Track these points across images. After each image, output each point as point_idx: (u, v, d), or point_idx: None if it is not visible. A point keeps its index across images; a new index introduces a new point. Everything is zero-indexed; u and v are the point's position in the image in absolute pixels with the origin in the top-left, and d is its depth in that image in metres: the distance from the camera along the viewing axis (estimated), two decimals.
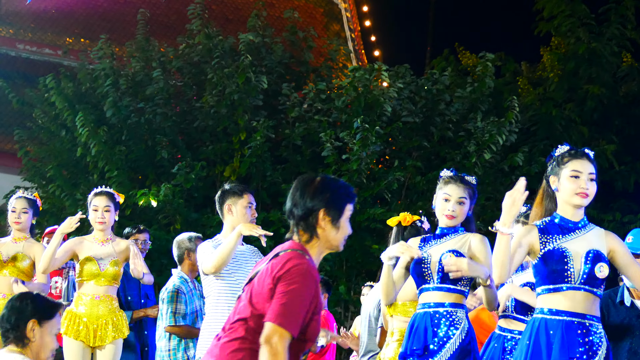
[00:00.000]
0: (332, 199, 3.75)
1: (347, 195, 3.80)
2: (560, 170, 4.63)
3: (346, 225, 3.80)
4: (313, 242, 3.75)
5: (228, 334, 3.62)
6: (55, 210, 14.26)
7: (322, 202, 3.72)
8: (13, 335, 4.05)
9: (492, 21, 30.10)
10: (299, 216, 3.73)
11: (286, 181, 13.56)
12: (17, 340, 4.04)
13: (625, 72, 17.07)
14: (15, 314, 4.05)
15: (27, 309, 4.05)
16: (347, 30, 23.97)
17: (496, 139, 13.37)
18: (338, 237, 3.78)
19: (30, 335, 4.03)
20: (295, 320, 3.49)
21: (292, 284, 3.52)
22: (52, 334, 4.10)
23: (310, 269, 3.60)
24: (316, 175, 3.84)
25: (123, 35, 19.46)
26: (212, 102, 13.94)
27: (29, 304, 4.07)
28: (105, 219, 6.92)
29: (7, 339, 4.06)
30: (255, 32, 14.96)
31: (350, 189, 3.85)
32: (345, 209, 3.78)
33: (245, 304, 3.62)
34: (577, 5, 16.94)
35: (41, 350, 4.05)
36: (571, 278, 4.46)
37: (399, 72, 14.46)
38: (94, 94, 14.60)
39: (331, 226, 3.75)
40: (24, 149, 15.34)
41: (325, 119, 13.71)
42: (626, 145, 16.29)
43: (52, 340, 4.10)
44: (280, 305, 3.49)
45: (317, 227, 3.73)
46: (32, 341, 4.04)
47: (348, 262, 13.25)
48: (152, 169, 13.97)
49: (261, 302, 3.56)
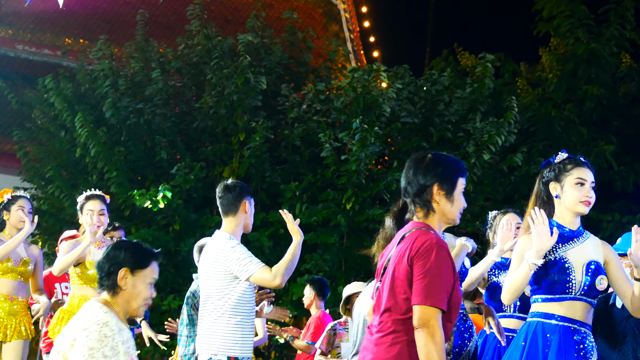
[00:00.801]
0: (444, 173, 3.84)
1: (459, 169, 3.89)
2: (564, 177, 4.62)
3: (460, 198, 3.88)
4: (430, 217, 3.84)
5: (380, 328, 3.69)
6: (54, 210, 14.26)
7: (435, 177, 3.82)
8: (106, 283, 4.08)
9: (491, 22, 30.12)
10: (413, 193, 3.85)
11: (285, 182, 13.56)
12: (110, 288, 4.07)
13: (624, 73, 17.06)
14: (109, 262, 4.07)
15: (120, 257, 4.07)
16: (346, 31, 23.98)
17: (495, 140, 13.37)
18: (453, 210, 3.86)
19: (122, 284, 4.06)
20: (441, 296, 3.57)
21: (427, 261, 3.60)
22: (146, 283, 4.08)
23: (439, 241, 3.69)
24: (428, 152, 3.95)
25: (122, 36, 19.46)
26: (211, 102, 13.94)
27: (123, 252, 4.08)
28: (101, 222, 6.91)
29: (102, 286, 4.10)
30: (255, 32, 14.97)
31: (461, 163, 3.95)
32: (457, 182, 3.87)
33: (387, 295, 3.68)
34: (577, 6, 16.93)
35: (132, 298, 4.07)
36: (572, 289, 4.47)
37: (398, 72, 14.47)
38: (93, 95, 14.60)
39: (446, 200, 3.84)
40: (23, 150, 15.34)
41: (324, 120, 13.71)
42: (625, 146, 16.28)
43: (146, 289, 4.09)
44: (423, 286, 3.57)
45: (432, 202, 3.83)
46: (123, 289, 4.06)
47: (347, 263, 13.25)
48: (152, 170, 13.97)
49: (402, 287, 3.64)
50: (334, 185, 13.27)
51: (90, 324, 3.92)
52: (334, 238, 12.96)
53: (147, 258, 4.14)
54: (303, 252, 13.27)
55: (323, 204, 13.15)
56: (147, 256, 4.14)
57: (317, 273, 12.72)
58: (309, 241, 12.96)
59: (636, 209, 14.95)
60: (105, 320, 3.93)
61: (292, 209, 13.19)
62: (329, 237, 12.90)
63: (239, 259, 5.64)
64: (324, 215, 12.96)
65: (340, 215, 12.93)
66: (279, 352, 14.51)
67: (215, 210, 13.83)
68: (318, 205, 13.17)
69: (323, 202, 13.18)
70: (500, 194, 14.17)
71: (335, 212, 12.98)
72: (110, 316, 3.97)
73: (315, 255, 13.01)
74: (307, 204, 13.17)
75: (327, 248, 13.08)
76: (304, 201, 13.21)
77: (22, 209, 7.24)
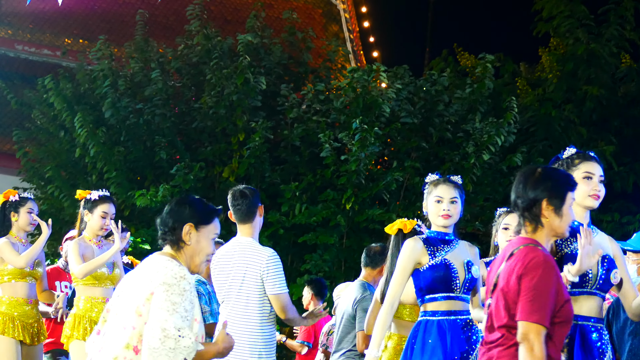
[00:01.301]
0: (554, 187, 3.88)
1: (568, 183, 3.94)
2: (571, 172, 4.60)
3: (569, 212, 3.91)
4: (538, 232, 3.88)
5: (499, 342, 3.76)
6: (53, 210, 14.25)
7: (544, 191, 3.86)
8: (169, 238, 4.06)
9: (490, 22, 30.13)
10: (523, 207, 3.88)
11: (285, 182, 13.56)
12: (173, 243, 4.05)
13: (624, 73, 17.07)
14: (173, 217, 4.05)
15: (184, 212, 4.05)
16: (345, 31, 23.97)
17: (495, 140, 13.37)
18: (562, 224, 3.90)
19: (186, 239, 4.04)
20: (545, 313, 3.63)
21: (533, 278, 3.66)
22: (209, 239, 4.07)
23: (546, 258, 3.73)
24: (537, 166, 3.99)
25: (122, 36, 19.45)
26: (211, 102, 13.94)
27: (187, 208, 4.07)
28: (108, 226, 6.92)
29: (165, 241, 4.08)
30: (254, 33, 14.97)
31: (570, 177, 3.99)
32: (566, 197, 3.90)
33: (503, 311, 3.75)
34: (577, 6, 16.93)
35: (196, 254, 4.06)
36: (589, 283, 4.44)
37: (398, 73, 14.46)
38: (92, 95, 14.60)
39: (554, 214, 3.87)
40: (23, 150, 15.34)
41: (324, 120, 13.71)
42: (625, 146, 16.29)
43: (208, 245, 4.08)
44: (528, 302, 3.63)
45: (541, 217, 3.86)
46: (187, 244, 4.04)
47: (347, 263, 13.25)
48: (151, 170, 13.97)
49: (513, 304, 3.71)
50: (333, 186, 13.27)
51: (168, 278, 3.90)
52: (334, 238, 12.96)
53: (211, 214, 4.13)
54: (303, 252, 13.36)
55: (323, 204, 13.15)
56: (210, 212, 4.13)
57: (317, 273, 12.72)
58: (309, 241, 12.97)
59: (636, 209, 14.95)
60: (182, 274, 3.93)
61: (291, 209, 13.19)
62: (329, 237, 12.90)
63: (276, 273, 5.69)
64: (324, 216, 12.96)
65: (340, 215, 12.93)
66: (279, 352, 14.50)
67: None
68: (318, 205, 13.17)
69: (323, 203, 13.18)
70: (499, 194, 14.17)
71: (334, 212, 12.98)
72: (185, 269, 3.97)
73: (314, 255, 13.00)
74: (307, 204, 13.17)
75: (326, 248, 13.08)
76: (303, 201, 13.21)
77: (32, 211, 7.21)
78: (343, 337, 6.79)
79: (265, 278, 5.66)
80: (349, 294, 6.83)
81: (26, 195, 7.29)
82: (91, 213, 6.85)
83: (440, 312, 5.24)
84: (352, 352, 6.74)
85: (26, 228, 7.19)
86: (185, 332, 3.80)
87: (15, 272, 7.05)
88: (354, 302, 6.66)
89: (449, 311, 5.24)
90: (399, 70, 14.55)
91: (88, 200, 6.88)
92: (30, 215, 7.17)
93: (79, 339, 6.61)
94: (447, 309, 5.24)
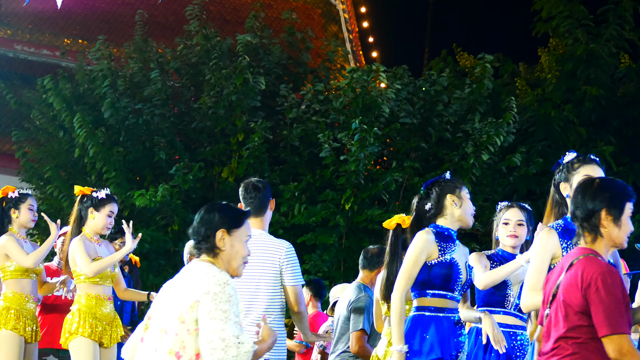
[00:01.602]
0: (612, 198, 3.91)
1: (626, 193, 3.97)
2: (571, 176, 4.62)
3: (627, 222, 3.96)
4: (598, 242, 3.90)
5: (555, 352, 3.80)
6: (52, 211, 14.24)
7: (602, 202, 3.89)
8: (205, 247, 4.11)
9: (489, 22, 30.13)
10: (582, 218, 3.92)
11: (284, 182, 13.56)
12: (209, 250, 4.10)
13: (623, 73, 17.07)
14: (205, 225, 4.10)
15: (215, 219, 4.10)
16: (345, 31, 23.98)
17: (494, 140, 13.37)
18: (621, 234, 3.93)
19: (220, 245, 4.09)
20: (623, 321, 3.67)
21: (601, 292, 3.69)
22: (243, 242, 4.12)
23: (607, 268, 3.76)
24: (595, 178, 4.04)
25: (121, 36, 19.45)
26: (210, 103, 13.94)
27: (217, 214, 4.11)
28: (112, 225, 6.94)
29: (200, 250, 4.13)
30: (253, 33, 14.97)
31: (629, 188, 4.01)
32: (625, 207, 3.94)
33: (562, 322, 3.78)
34: (576, 6, 16.92)
35: (232, 258, 4.10)
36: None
37: (397, 73, 14.46)
38: (91, 95, 14.60)
39: (613, 225, 3.91)
40: (22, 150, 15.34)
41: (323, 120, 13.71)
42: (624, 146, 16.29)
43: (243, 247, 4.13)
44: (605, 317, 3.66)
45: (600, 227, 3.89)
46: (223, 250, 4.09)
47: (346, 263, 13.25)
48: (150, 170, 13.97)
49: (577, 315, 3.74)
50: (332, 186, 13.27)
51: (213, 286, 3.95)
52: (333, 238, 12.96)
53: (241, 217, 4.17)
54: (302, 252, 13.36)
55: (322, 204, 13.15)
56: (240, 215, 4.18)
57: (316, 273, 12.72)
58: (308, 242, 12.96)
59: (635, 210, 14.93)
60: (225, 280, 3.98)
61: (290, 209, 13.19)
62: (328, 237, 12.90)
63: (295, 265, 5.76)
64: (323, 216, 12.96)
65: (339, 215, 12.93)
66: None
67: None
68: (317, 205, 13.17)
69: (322, 203, 13.18)
70: (499, 194, 14.16)
71: (334, 212, 12.98)
72: (227, 275, 4.02)
73: (314, 255, 13.00)
74: (306, 204, 13.17)
75: (326, 248, 13.08)
76: (302, 201, 13.21)
77: (32, 208, 7.21)
78: (339, 338, 6.82)
79: (284, 269, 5.72)
80: (345, 295, 6.87)
81: (26, 192, 7.28)
82: (97, 211, 6.82)
83: (435, 308, 5.24)
84: (346, 353, 6.78)
85: (27, 225, 7.20)
86: (243, 337, 3.88)
87: (20, 268, 7.03)
88: (349, 304, 6.70)
89: (444, 308, 5.24)
90: (398, 70, 14.55)
91: (94, 199, 6.84)
92: (32, 212, 7.16)
93: (83, 335, 6.59)
94: (442, 306, 5.24)
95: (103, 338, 6.68)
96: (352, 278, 13.10)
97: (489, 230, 6.04)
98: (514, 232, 5.69)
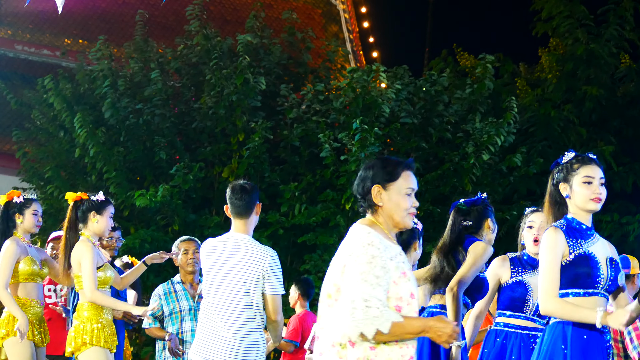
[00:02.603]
0: None
1: None
2: (571, 177, 4.59)
3: None
4: None
5: None
6: (53, 211, 14.25)
7: None
8: (364, 204, 4.10)
9: (490, 22, 30.13)
10: None
11: (284, 182, 13.57)
12: (368, 207, 4.09)
13: (623, 73, 17.07)
14: (362, 183, 4.08)
15: (369, 176, 4.07)
16: (345, 31, 23.97)
17: (494, 140, 13.37)
18: None
19: (377, 200, 4.04)
20: None
21: None
22: (401, 194, 4.03)
23: None
24: None
25: (121, 36, 19.46)
26: (211, 103, 13.94)
27: (371, 170, 4.08)
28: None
29: (363, 209, 4.12)
30: (254, 33, 14.97)
31: None
32: None
33: None
34: (576, 6, 16.92)
35: (393, 212, 4.04)
36: (600, 284, 4.43)
37: (397, 73, 14.47)
38: (92, 95, 14.60)
39: None
40: (22, 150, 15.34)
41: (324, 120, 13.71)
42: (624, 146, 16.28)
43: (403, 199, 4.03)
44: None
45: None
46: (380, 206, 4.05)
47: None
48: (150, 170, 13.97)
49: None
50: (333, 186, 13.27)
51: (355, 248, 3.91)
52: (333, 238, 12.95)
53: (396, 170, 4.08)
54: (302, 252, 13.35)
55: (322, 204, 13.15)
56: (396, 168, 4.09)
57: (317, 273, 12.72)
58: (308, 242, 12.97)
59: (635, 210, 14.95)
60: (369, 241, 3.90)
61: (291, 209, 13.20)
62: (328, 237, 12.90)
63: (277, 274, 5.70)
64: (323, 216, 12.96)
65: (339, 215, 12.93)
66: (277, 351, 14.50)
67: (214, 210, 13.85)
68: (317, 205, 13.17)
69: (322, 203, 13.18)
70: (499, 195, 14.16)
71: (334, 212, 12.98)
72: (373, 236, 3.94)
73: (314, 255, 13.00)
74: (306, 204, 13.17)
75: (326, 249, 13.07)
76: (303, 201, 13.21)
77: (37, 213, 7.18)
78: None
79: (266, 277, 5.63)
80: None
81: (30, 197, 7.25)
82: (100, 215, 6.73)
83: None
84: None
85: (31, 230, 7.15)
86: (373, 302, 3.71)
87: (25, 272, 7.00)
88: None
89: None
90: (399, 70, 14.56)
91: (94, 202, 6.77)
92: (36, 217, 7.14)
93: (99, 345, 6.50)
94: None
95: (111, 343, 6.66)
96: None
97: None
98: (537, 235, 5.73)
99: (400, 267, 3.86)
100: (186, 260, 7.56)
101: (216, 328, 5.67)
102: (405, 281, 3.83)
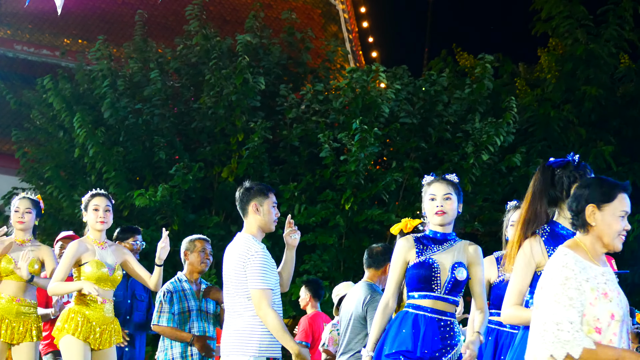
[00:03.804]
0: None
1: None
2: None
3: None
4: None
5: None
6: (52, 211, 14.26)
7: None
8: (577, 223, 4.08)
9: (489, 22, 30.14)
10: None
11: (284, 182, 13.56)
12: (581, 226, 4.07)
13: (622, 74, 17.07)
14: (576, 201, 4.08)
15: (585, 194, 4.06)
16: (344, 31, 23.98)
17: (494, 140, 13.37)
18: None
19: (590, 220, 4.03)
20: None
21: None
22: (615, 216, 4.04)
23: None
24: None
25: (121, 36, 19.46)
26: (210, 103, 13.94)
27: (588, 189, 4.07)
28: (107, 219, 6.80)
29: (575, 226, 4.12)
30: (253, 33, 14.97)
31: None
32: None
33: None
34: (576, 6, 16.92)
35: (604, 234, 4.03)
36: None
37: (397, 73, 14.47)
38: (91, 95, 14.60)
39: None
40: (22, 150, 15.34)
41: (323, 120, 13.71)
42: (624, 147, 16.29)
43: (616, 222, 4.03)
44: None
45: None
46: (593, 226, 4.03)
47: (345, 263, 13.25)
48: (150, 170, 13.97)
49: None
50: (332, 186, 13.27)
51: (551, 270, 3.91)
52: (333, 238, 12.96)
53: (613, 191, 4.09)
54: (302, 252, 13.36)
55: (322, 204, 13.15)
56: (612, 189, 4.10)
57: (316, 274, 12.73)
58: (308, 242, 12.96)
59: (635, 210, 14.96)
60: (563, 263, 3.89)
61: (290, 209, 13.19)
62: (328, 237, 12.90)
63: (257, 269, 5.73)
64: (323, 216, 12.96)
65: (339, 215, 12.93)
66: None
67: (214, 210, 13.85)
68: (317, 205, 13.17)
69: (322, 203, 13.18)
70: (498, 195, 14.16)
71: (334, 212, 12.98)
72: (569, 257, 3.93)
73: (314, 255, 13.00)
74: (306, 204, 13.17)
75: (325, 249, 13.08)
76: (302, 202, 13.21)
77: (18, 210, 7.20)
78: (352, 338, 6.72)
79: (247, 271, 5.72)
80: (355, 294, 6.77)
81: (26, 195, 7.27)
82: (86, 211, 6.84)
83: (421, 307, 5.23)
84: None
85: (15, 225, 7.18)
86: (564, 325, 3.73)
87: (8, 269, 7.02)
88: (364, 303, 6.60)
89: (430, 308, 5.22)
90: (398, 70, 14.56)
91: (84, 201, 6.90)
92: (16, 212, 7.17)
93: (69, 333, 6.50)
94: (428, 306, 5.23)
95: (100, 341, 6.60)
96: (352, 278, 13.14)
97: (489, 231, 6.06)
98: None
99: (601, 288, 3.86)
100: (202, 259, 7.53)
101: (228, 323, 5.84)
102: (606, 302, 3.84)
